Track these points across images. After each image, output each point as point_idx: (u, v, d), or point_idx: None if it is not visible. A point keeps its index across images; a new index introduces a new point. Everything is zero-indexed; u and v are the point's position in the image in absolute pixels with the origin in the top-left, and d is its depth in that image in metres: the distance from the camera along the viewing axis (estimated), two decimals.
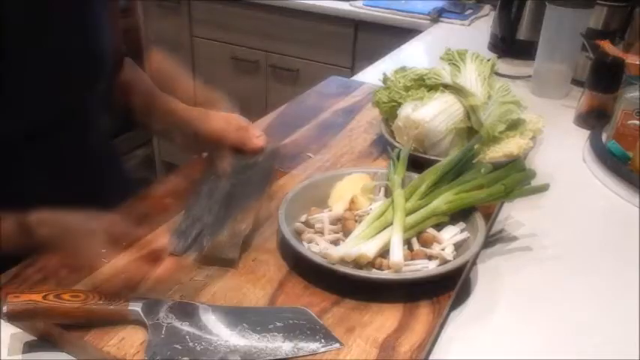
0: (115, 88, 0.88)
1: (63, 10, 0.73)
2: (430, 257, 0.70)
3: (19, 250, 0.65)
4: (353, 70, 2.10)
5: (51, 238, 0.63)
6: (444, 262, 0.68)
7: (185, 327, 0.59)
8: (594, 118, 1.14)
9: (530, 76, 1.39)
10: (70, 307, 0.57)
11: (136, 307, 0.59)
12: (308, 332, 0.60)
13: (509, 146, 0.93)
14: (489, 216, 0.81)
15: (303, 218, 0.76)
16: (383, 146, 1.00)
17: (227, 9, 2.28)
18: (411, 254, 0.69)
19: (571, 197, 0.94)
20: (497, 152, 0.92)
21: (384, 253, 0.68)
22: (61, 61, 0.75)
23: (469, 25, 1.95)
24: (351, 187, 0.80)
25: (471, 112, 0.94)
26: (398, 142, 0.95)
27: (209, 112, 0.85)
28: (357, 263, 0.67)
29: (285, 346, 0.58)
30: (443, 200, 0.73)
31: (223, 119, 0.84)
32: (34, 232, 0.62)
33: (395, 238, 0.68)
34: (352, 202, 0.76)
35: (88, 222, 0.63)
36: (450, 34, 1.86)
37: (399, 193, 0.74)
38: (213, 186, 0.79)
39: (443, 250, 0.70)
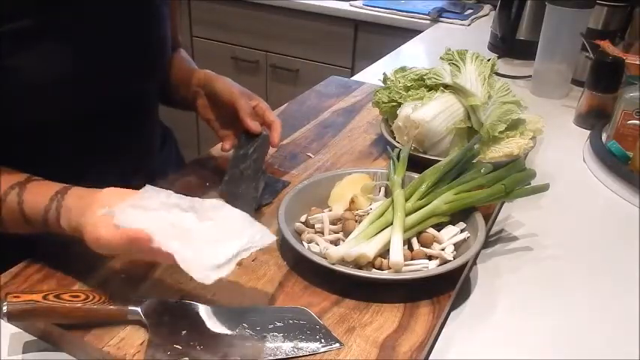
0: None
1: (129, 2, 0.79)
2: (430, 257, 0.70)
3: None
4: (353, 70, 2.10)
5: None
6: (444, 262, 0.68)
7: (185, 327, 0.59)
8: (594, 118, 1.14)
9: (530, 76, 1.39)
10: (70, 307, 0.57)
11: (136, 307, 0.59)
12: (308, 332, 0.60)
13: (510, 146, 0.93)
14: (489, 216, 0.81)
15: (303, 218, 0.76)
16: (383, 146, 1.00)
17: (227, 9, 2.28)
18: (411, 254, 0.69)
19: (571, 197, 0.94)
20: (497, 152, 0.92)
21: (384, 253, 0.68)
22: (125, 50, 0.80)
23: (469, 25, 1.95)
24: (351, 187, 0.80)
25: (471, 112, 0.94)
26: (398, 142, 0.95)
27: (228, 79, 0.89)
28: (357, 263, 0.67)
29: (285, 346, 0.58)
30: (443, 200, 0.73)
31: (239, 87, 0.87)
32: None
33: (395, 238, 0.68)
34: (352, 202, 0.76)
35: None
36: (450, 34, 1.86)
37: (399, 193, 0.74)
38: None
39: (443, 250, 0.70)
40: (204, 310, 0.61)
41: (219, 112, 0.87)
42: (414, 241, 0.72)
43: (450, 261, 0.68)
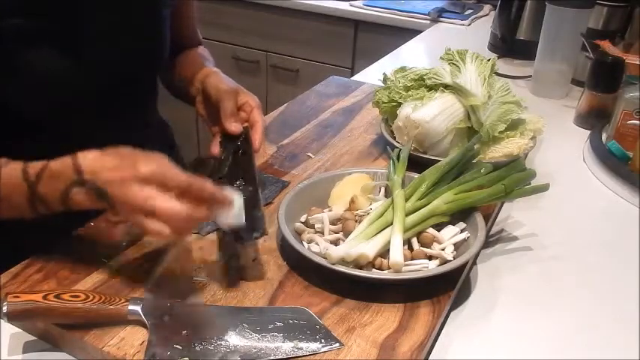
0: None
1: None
2: (430, 257, 0.70)
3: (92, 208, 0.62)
4: (353, 70, 2.10)
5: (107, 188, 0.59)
6: (444, 262, 0.68)
7: (185, 327, 0.59)
8: (594, 118, 1.14)
9: (530, 76, 1.39)
10: (70, 307, 0.57)
11: (136, 307, 0.59)
12: (308, 332, 0.60)
13: (510, 146, 0.93)
14: (489, 216, 0.81)
15: (303, 218, 0.76)
16: (383, 146, 1.00)
17: (227, 9, 2.28)
18: (411, 254, 0.69)
19: (571, 197, 0.94)
20: (497, 152, 0.92)
21: (384, 253, 0.68)
22: (130, 43, 0.83)
23: (469, 25, 1.95)
24: (351, 187, 0.80)
25: (471, 112, 0.94)
26: (398, 142, 0.95)
27: (224, 78, 0.89)
28: (357, 263, 0.67)
29: (285, 346, 0.58)
30: (443, 200, 0.73)
31: (228, 84, 0.86)
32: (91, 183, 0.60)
33: (395, 238, 0.68)
34: (352, 202, 0.76)
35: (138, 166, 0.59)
36: (450, 34, 1.86)
37: (399, 193, 0.74)
38: None
39: (443, 250, 0.70)
40: (204, 310, 0.61)
41: (210, 109, 0.87)
42: (414, 241, 0.72)
43: (450, 261, 0.68)
